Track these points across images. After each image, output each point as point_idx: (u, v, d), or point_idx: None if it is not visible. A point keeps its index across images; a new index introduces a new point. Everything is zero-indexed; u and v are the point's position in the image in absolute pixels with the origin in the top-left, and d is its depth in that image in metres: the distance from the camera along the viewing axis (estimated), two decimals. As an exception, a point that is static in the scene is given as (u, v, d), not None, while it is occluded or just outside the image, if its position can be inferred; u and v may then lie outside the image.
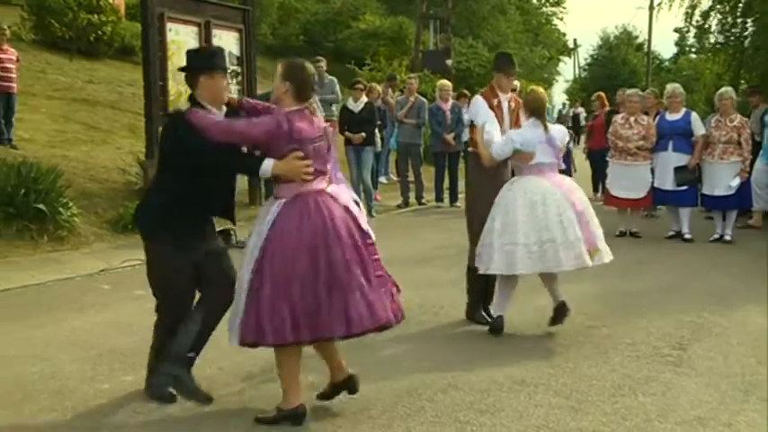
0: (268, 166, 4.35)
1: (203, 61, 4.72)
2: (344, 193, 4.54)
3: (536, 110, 6.23)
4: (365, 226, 4.50)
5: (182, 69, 4.81)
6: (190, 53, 4.83)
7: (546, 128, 6.19)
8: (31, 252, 8.75)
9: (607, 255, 6.23)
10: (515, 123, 6.48)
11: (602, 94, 15.40)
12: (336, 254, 4.26)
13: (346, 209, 4.44)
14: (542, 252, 5.90)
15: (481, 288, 6.46)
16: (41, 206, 9.07)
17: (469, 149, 6.78)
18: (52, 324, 6.45)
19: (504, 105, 6.51)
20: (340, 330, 4.28)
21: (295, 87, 4.43)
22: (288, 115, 4.34)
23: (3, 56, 12.25)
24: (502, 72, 6.53)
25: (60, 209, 9.30)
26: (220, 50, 4.91)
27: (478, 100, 6.53)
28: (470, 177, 6.73)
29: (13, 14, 17.90)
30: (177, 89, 10.84)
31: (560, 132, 6.36)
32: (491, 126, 6.29)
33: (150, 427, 4.37)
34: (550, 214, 5.94)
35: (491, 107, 6.40)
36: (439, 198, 14.18)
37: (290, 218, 4.29)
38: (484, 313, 6.48)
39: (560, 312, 6.22)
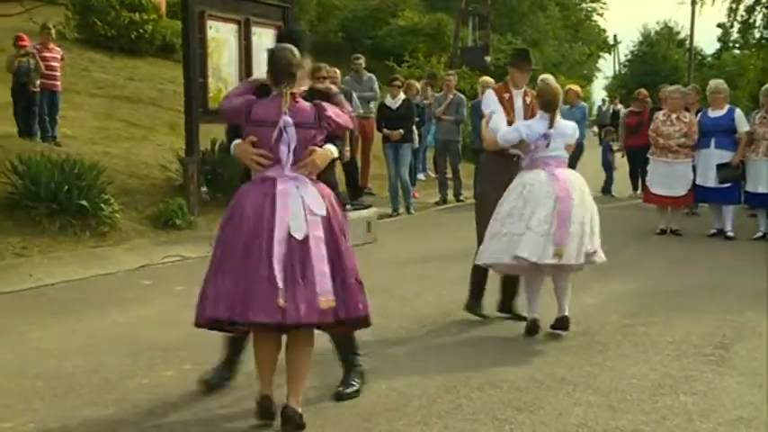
0: (232, 145, 4.40)
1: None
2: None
3: (547, 103, 6.21)
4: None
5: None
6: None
7: (553, 122, 6.15)
8: (74, 248, 8.87)
9: (598, 257, 6.10)
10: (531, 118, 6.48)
11: (644, 90, 15.22)
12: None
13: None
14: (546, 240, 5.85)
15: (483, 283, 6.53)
16: (84, 202, 9.18)
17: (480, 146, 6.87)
18: (94, 319, 6.53)
19: (518, 101, 6.55)
20: (261, 317, 4.08)
21: (270, 74, 4.38)
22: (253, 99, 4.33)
23: (48, 54, 12.43)
24: (515, 67, 6.63)
25: (102, 205, 9.41)
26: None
27: (489, 93, 6.71)
28: (484, 175, 6.67)
29: (58, 14, 18.15)
30: (217, 86, 10.94)
31: (569, 128, 6.31)
32: (497, 116, 6.41)
33: (191, 423, 4.40)
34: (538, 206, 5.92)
35: (501, 101, 6.51)
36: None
37: (238, 204, 4.26)
38: (504, 312, 6.49)
39: (560, 324, 6.10)
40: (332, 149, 4.41)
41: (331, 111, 4.35)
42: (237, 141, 4.35)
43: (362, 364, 4.86)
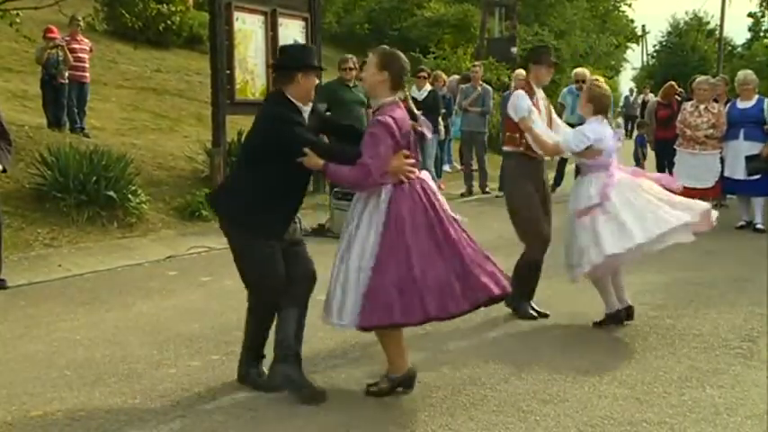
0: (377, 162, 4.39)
1: (305, 58, 4.69)
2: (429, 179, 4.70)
3: (605, 107, 6.13)
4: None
5: (279, 65, 4.80)
6: (290, 49, 4.83)
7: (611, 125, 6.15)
8: (101, 238, 8.95)
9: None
10: (549, 124, 6.34)
11: (673, 83, 15.03)
12: (450, 231, 4.48)
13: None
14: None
15: (530, 283, 6.38)
16: (111, 193, 9.26)
17: (506, 149, 6.44)
18: (121, 309, 6.59)
19: (541, 104, 6.29)
20: (465, 305, 4.43)
21: (392, 77, 4.51)
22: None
23: (76, 46, 12.51)
24: (541, 64, 6.29)
25: (129, 196, 9.49)
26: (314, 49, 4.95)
27: (523, 94, 6.20)
28: (512, 178, 6.47)
29: (87, 6, 18.27)
30: (243, 78, 10.99)
31: (619, 130, 6.36)
32: (537, 118, 6.13)
33: (217, 413, 4.43)
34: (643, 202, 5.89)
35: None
36: (503, 187, 14.05)
37: (402, 202, 4.43)
38: (531, 310, 6.42)
39: (631, 314, 6.14)
40: None
41: None
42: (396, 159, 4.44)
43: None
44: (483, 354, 5.40)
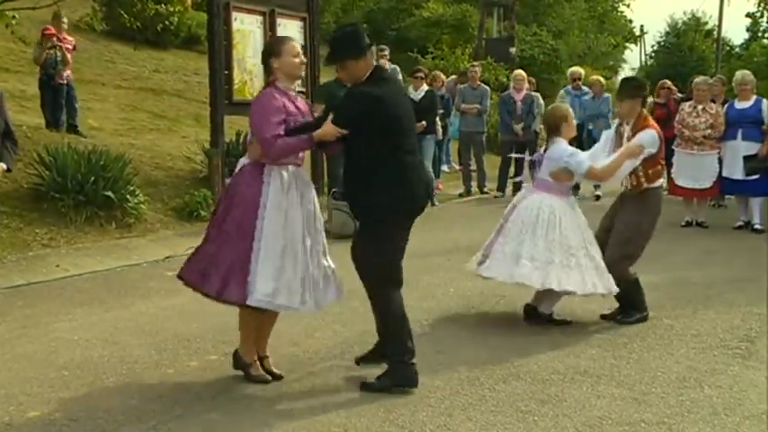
0: None
1: (361, 44, 4.80)
2: None
3: (553, 127, 6.19)
4: None
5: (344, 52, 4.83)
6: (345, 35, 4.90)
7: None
8: (100, 238, 8.94)
9: None
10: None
11: (668, 81, 15.02)
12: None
13: None
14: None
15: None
16: (110, 193, 9.25)
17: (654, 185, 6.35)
18: (120, 309, 6.59)
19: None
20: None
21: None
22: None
23: (60, 44, 12.38)
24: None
25: (128, 196, 9.48)
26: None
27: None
28: (656, 214, 6.40)
29: (86, 5, 18.27)
30: (242, 78, 10.97)
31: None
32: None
33: (215, 411, 4.43)
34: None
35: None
36: (501, 188, 14.04)
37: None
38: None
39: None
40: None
41: None
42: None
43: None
44: (481, 354, 5.40)
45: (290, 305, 4.66)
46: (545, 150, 6.22)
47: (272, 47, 4.89)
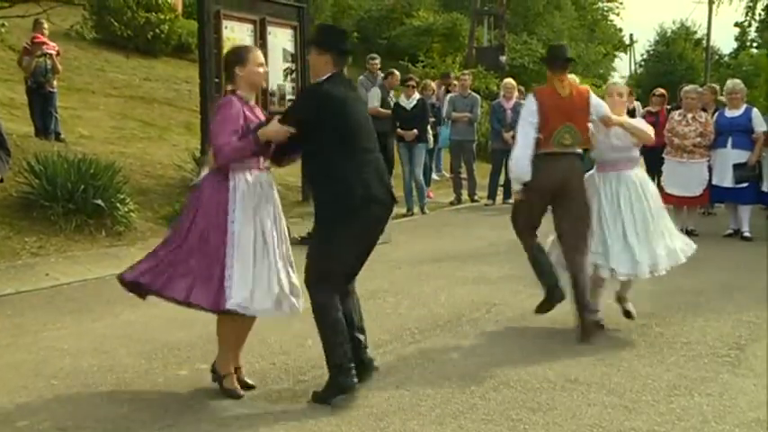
0: None
1: (326, 40, 4.81)
2: None
3: None
4: None
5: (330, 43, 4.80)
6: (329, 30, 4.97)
7: None
8: (89, 247, 8.91)
9: None
10: None
11: (662, 89, 15.06)
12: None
13: None
14: None
15: None
16: (100, 202, 9.22)
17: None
18: (109, 318, 6.56)
19: None
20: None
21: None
22: None
23: (51, 52, 12.35)
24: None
25: (118, 205, 9.45)
26: None
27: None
28: None
29: (76, 14, 18.26)
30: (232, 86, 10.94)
31: None
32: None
33: (205, 422, 4.42)
34: None
35: None
36: (491, 196, 14.06)
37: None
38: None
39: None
40: None
41: None
42: None
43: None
44: (471, 363, 5.40)
45: (265, 309, 4.63)
46: None
47: (238, 55, 4.81)
